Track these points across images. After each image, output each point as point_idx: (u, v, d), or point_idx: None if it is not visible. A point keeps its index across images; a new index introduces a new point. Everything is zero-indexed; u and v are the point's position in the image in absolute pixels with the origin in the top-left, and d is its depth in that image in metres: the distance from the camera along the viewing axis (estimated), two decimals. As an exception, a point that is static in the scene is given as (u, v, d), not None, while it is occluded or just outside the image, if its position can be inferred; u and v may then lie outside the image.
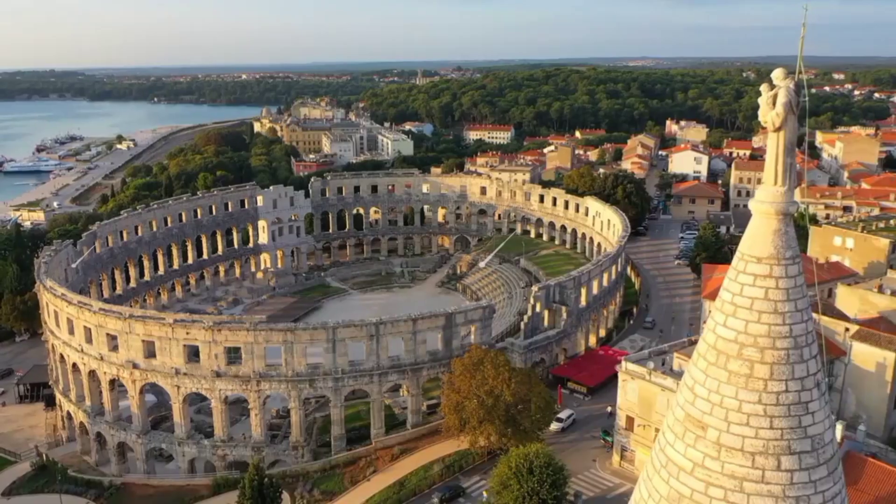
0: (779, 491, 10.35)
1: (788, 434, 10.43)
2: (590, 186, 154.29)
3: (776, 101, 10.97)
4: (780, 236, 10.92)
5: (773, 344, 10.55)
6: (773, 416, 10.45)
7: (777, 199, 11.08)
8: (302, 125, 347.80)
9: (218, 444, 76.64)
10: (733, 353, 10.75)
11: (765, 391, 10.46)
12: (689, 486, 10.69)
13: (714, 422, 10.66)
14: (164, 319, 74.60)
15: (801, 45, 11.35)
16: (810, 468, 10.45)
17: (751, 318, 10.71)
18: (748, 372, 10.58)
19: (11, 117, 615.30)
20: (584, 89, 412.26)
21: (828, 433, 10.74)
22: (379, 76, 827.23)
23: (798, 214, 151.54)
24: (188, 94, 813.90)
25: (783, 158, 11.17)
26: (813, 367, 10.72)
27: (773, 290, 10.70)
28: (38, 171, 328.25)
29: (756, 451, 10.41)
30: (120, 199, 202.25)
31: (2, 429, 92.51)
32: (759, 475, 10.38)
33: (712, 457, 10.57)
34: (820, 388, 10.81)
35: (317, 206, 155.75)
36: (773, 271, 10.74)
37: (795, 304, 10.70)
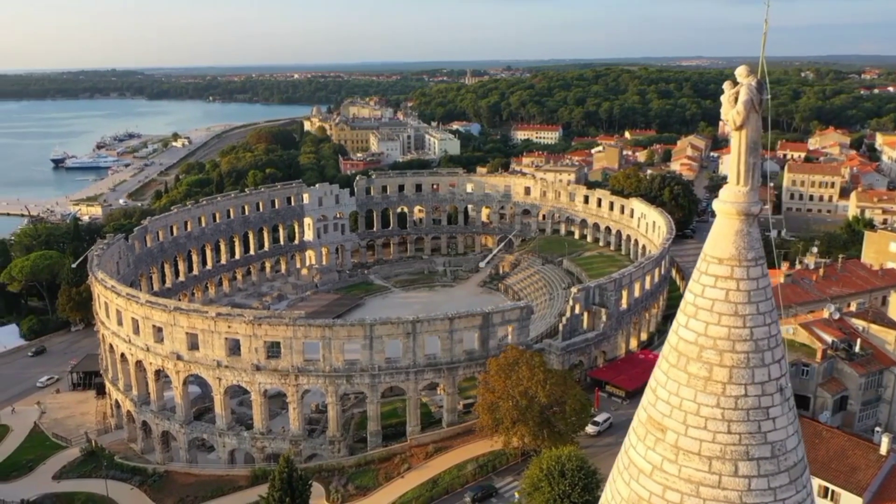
0: (735, 497, 10.16)
1: (747, 439, 10.22)
2: (635, 188, 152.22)
3: (738, 98, 10.79)
4: (743, 237, 10.72)
5: (732, 347, 10.37)
6: (730, 420, 10.26)
7: (739, 199, 10.88)
8: (350, 124, 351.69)
9: (257, 437, 78.23)
10: (693, 356, 10.59)
11: (723, 395, 10.29)
12: (648, 489, 10.59)
13: (673, 424, 10.53)
14: (206, 313, 76.50)
15: (764, 42, 11.12)
16: (770, 475, 10.22)
17: (711, 321, 10.54)
18: (707, 375, 10.42)
19: (74, 115, 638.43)
20: (634, 89, 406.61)
21: (791, 440, 10.47)
22: (428, 76, 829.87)
23: (853, 219, 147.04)
24: (242, 94, 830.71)
25: (745, 158, 10.99)
26: (775, 372, 10.48)
27: (734, 292, 10.51)
28: (98, 167, 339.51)
29: (713, 456, 10.24)
30: (173, 195, 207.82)
31: (55, 415, 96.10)
32: (716, 480, 10.20)
33: (670, 460, 10.44)
34: (783, 394, 10.55)
35: (362, 204, 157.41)
36: (735, 273, 10.55)
37: (757, 307, 10.49)
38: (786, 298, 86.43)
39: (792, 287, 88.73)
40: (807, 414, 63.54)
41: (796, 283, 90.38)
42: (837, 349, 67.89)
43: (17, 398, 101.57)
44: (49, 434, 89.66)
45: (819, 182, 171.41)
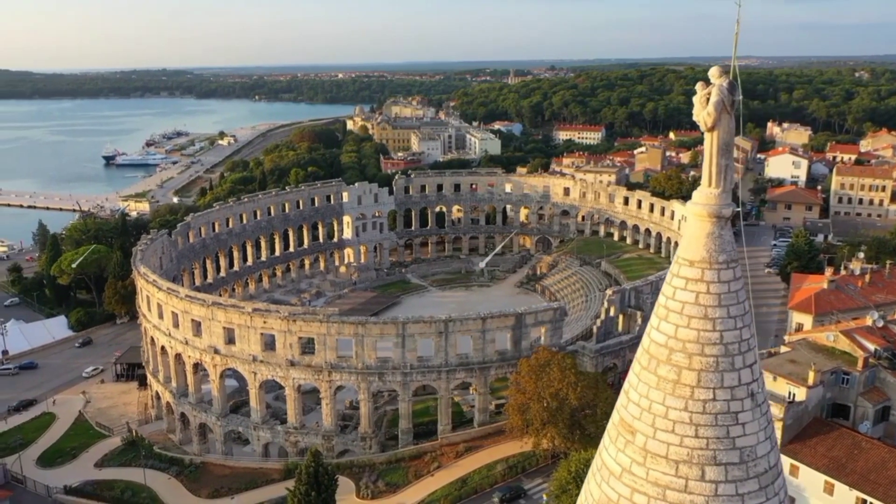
0: (702, 501, 10.01)
1: (714, 444, 10.06)
2: (677, 189, 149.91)
3: (709, 99, 10.65)
4: (714, 239, 10.57)
5: (701, 350, 10.22)
6: (698, 424, 10.12)
7: (711, 201, 10.74)
8: (392, 123, 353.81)
9: (290, 431, 79.41)
10: (663, 358, 10.49)
11: (691, 398, 10.15)
12: (617, 492, 10.52)
13: (642, 427, 10.44)
14: (243, 308, 77.97)
15: (735, 42, 10.94)
16: (737, 481, 10.04)
17: (681, 323, 10.41)
18: (676, 378, 10.29)
19: (125, 113, 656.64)
20: (680, 89, 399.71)
21: (761, 446, 10.27)
22: (471, 75, 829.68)
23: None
24: (287, 93, 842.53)
25: (717, 159, 10.84)
26: (746, 377, 10.29)
27: (704, 295, 10.36)
28: (147, 164, 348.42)
29: (680, 460, 10.12)
30: (217, 192, 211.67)
31: (99, 404, 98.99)
32: (683, 484, 10.07)
33: (639, 463, 10.36)
34: (755, 400, 10.35)
35: (400, 203, 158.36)
36: (705, 275, 10.40)
37: (728, 311, 10.32)
38: (828, 305, 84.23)
39: (835, 293, 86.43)
40: (846, 424, 61.83)
41: (840, 288, 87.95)
42: (880, 358, 65.80)
43: (64, 387, 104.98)
44: (93, 423, 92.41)
45: (869, 185, 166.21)
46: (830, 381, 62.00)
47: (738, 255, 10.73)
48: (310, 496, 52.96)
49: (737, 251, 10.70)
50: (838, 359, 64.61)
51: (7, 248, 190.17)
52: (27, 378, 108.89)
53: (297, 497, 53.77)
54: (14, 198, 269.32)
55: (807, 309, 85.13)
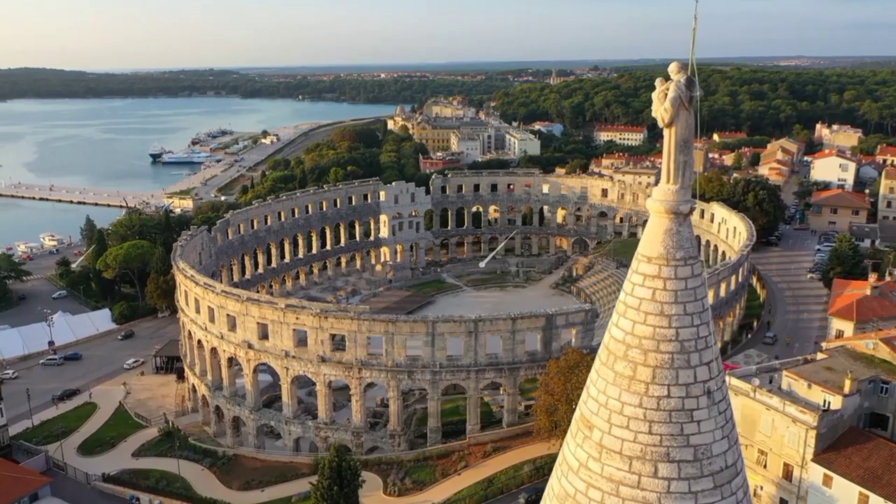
0: (654, 498, 9.93)
1: (668, 441, 9.97)
2: (718, 191, 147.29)
3: (667, 95, 10.55)
4: (672, 236, 10.47)
5: (657, 347, 10.14)
6: (652, 420, 10.04)
7: (668, 197, 10.65)
8: (432, 123, 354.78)
9: (321, 426, 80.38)
10: (620, 354, 10.45)
11: (646, 395, 10.08)
12: (574, 486, 10.53)
13: (599, 422, 10.43)
14: (276, 304, 79.19)
15: (693, 38, 10.79)
16: (691, 478, 9.93)
17: (637, 319, 10.36)
18: (631, 374, 10.24)
19: (173, 112, 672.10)
20: (725, 90, 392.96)
21: (717, 445, 10.13)
22: (513, 75, 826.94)
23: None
24: (330, 93, 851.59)
25: (675, 155, 10.74)
26: (702, 375, 10.16)
27: (661, 292, 10.28)
28: (192, 162, 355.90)
29: (633, 456, 10.06)
30: (258, 190, 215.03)
31: (139, 396, 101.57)
32: (636, 480, 10.01)
33: (595, 458, 10.34)
34: (711, 398, 10.22)
35: (437, 202, 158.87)
36: (662, 272, 10.31)
37: (684, 308, 10.21)
38: (870, 312, 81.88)
39: (878, 300, 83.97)
40: (884, 434, 60.11)
41: (884, 295, 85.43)
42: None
43: (106, 378, 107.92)
44: (132, 413, 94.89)
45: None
46: (868, 390, 60.33)
47: (697, 252, 10.64)
48: (332, 490, 53.57)
49: (695, 248, 10.62)
50: (877, 367, 62.83)
51: (57, 242, 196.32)
52: (71, 368, 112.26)
53: (319, 491, 54.48)
54: (65, 194, 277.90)
55: (848, 315, 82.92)
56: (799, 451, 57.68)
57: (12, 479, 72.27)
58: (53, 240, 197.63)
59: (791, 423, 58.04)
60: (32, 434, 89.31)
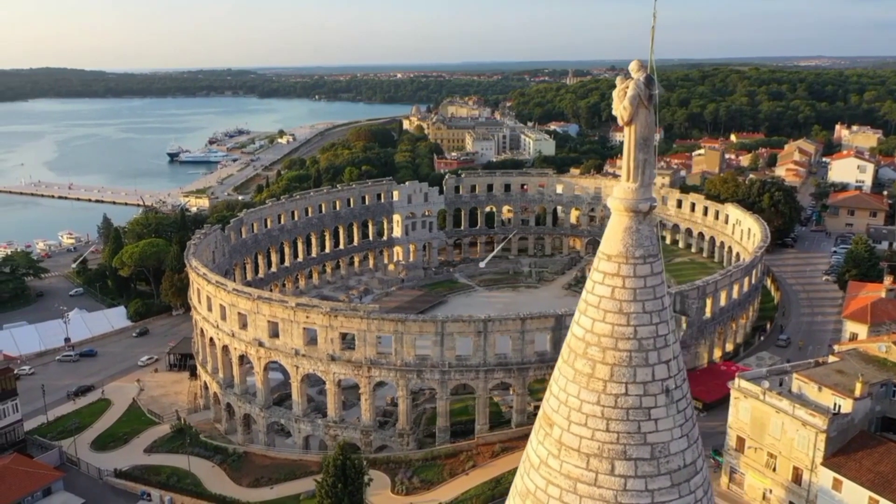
0: (610, 496, 9.96)
1: (625, 439, 9.99)
2: (733, 193, 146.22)
3: (626, 94, 10.58)
4: (631, 234, 10.49)
5: (615, 345, 10.16)
6: (609, 418, 10.07)
7: (628, 195, 10.69)
8: (447, 123, 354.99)
9: (330, 425, 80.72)
10: (580, 352, 10.49)
11: (604, 392, 10.11)
12: (535, 482, 10.58)
13: (559, 420, 10.47)
14: (286, 302, 79.62)
15: (652, 37, 10.79)
16: (647, 476, 9.92)
17: (597, 317, 10.39)
18: (590, 372, 10.27)
19: (190, 112, 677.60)
20: (743, 90, 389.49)
21: (676, 443, 10.11)
22: (529, 76, 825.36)
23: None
24: (346, 93, 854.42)
25: (634, 154, 10.75)
26: (661, 373, 10.16)
27: (620, 290, 10.30)
28: (208, 161, 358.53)
29: (591, 453, 10.08)
30: (273, 189, 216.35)
31: (152, 392, 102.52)
32: (593, 478, 10.04)
33: (554, 455, 10.39)
34: (670, 396, 10.22)
35: (450, 202, 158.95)
36: (621, 270, 10.34)
37: (643, 306, 10.22)
38: (885, 315, 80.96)
39: (893, 303, 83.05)
40: (896, 438, 59.41)
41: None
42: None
43: (120, 375, 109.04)
44: (145, 410, 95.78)
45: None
46: (880, 394, 59.68)
47: (657, 251, 10.64)
48: (336, 488, 53.82)
49: (656, 246, 10.62)
50: (890, 371, 62.13)
51: (75, 240, 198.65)
52: (87, 365, 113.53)
53: (324, 488, 54.75)
54: (84, 192, 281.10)
55: (862, 318, 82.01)
56: (808, 454, 57.19)
57: (26, 474, 73.30)
58: (71, 238, 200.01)
59: (801, 427, 57.56)
60: (47, 429, 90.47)
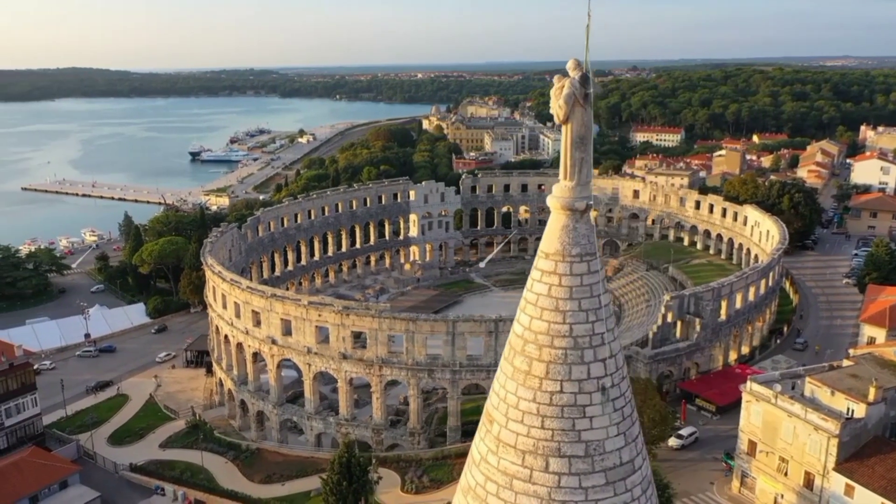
0: (545, 493, 10.00)
1: (559, 436, 10.03)
2: (752, 194, 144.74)
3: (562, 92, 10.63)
4: (568, 232, 10.55)
5: (551, 342, 10.21)
6: (544, 415, 10.11)
7: (565, 194, 10.75)
8: (466, 123, 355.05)
9: (342, 423, 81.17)
10: (518, 349, 10.57)
11: (539, 390, 10.15)
12: (475, 479, 10.65)
13: (498, 416, 10.54)
14: (299, 301, 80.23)
15: (588, 36, 10.81)
16: (581, 474, 9.96)
17: (534, 315, 10.45)
18: (527, 369, 10.33)
19: (212, 111, 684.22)
20: (766, 90, 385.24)
21: (611, 442, 10.14)
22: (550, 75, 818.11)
23: None
24: (367, 93, 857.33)
25: (571, 152, 10.80)
26: (597, 371, 10.20)
27: (556, 288, 10.35)
28: (229, 160, 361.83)
29: (526, 450, 10.13)
30: (292, 188, 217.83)
31: (169, 388, 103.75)
32: (528, 474, 10.08)
33: (493, 451, 10.45)
34: (606, 395, 10.25)
35: (466, 202, 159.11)
36: (558, 268, 10.39)
37: (579, 304, 10.26)
38: (904, 318, 79.67)
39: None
40: (911, 445, 58.46)
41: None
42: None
43: (138, 371, 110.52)
44: (161, 405, 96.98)
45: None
46: (894, 399, 58.78)
47: (595, 249, 10.70)
48: (341, 485, 54.17)
49: (594, 245, 10.68)
50: (905, 376, 61.16)
51: (97, 237, 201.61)
52: (106, 360, 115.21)
53: (329, 486, 55.14)
54: (107, 190, 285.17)
55: (880, 322, 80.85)
56: (820, 459, 56.53)
57: (43, 467, 74.51)
58: (94, 235, 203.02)
59: (813, 431, 56.92)
60: (66, 423, 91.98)
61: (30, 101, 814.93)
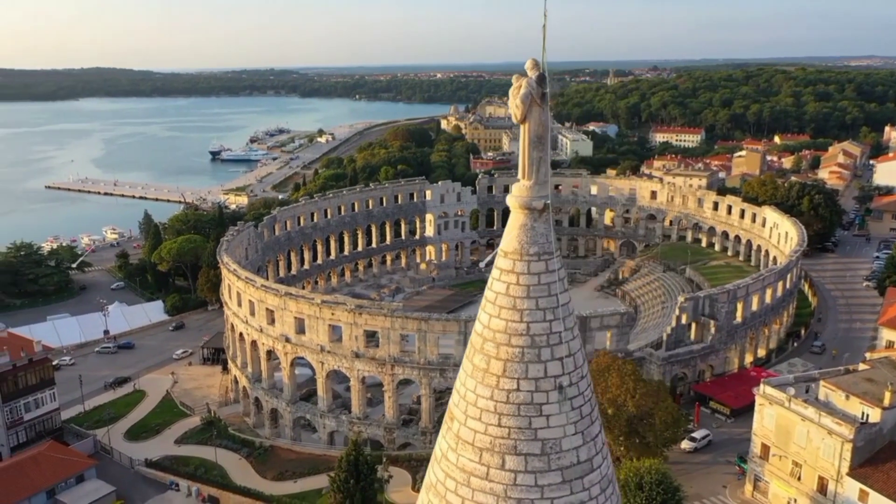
0: (500, 490, 10.05)
1: (516, 434, 10.08)
2: (771, 195, 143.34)
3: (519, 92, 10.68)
4: (526, 231, 10.61)
5: (508, 341, 10.28)
6: (501, 413, 10.18)
7: (523, 193, 10.83)
8: (484, 123, 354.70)
9: (354, 421, 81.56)
10: (478, 347, 10.65)
11: (497, 388, 10.22)
12: (436, 475, 10.75)
13: (458, 414, 10.63)
14: (312, 299, 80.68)
15: (544, 36, 10.83)
16: (537, 472, 9.99)
17: (493, 313, 10.52)
18: (485, 367, 10.41)
19: (233, 111, 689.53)
20: (788, 91, 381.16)
21: (568, 440, 10.16)
22: (570, 76, 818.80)
23: None
24: (386, 92, 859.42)
25: (529, 151, 10.86)
26: (554, 370, 10.22)
27: (514, 286, 10.41)
28: (249, 159, 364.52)
29: (484, 447, 10.20)
30: (309, 187, 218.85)
31: (186, 385, 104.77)
32: (485, 472, 10.15)
33: (452, 448, 10.54)
34: (563, 393, 10.27)
35: (482, 202, 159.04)
36: (516, 267, 10.45)
37: (536, 302, 10.31)
38: (923, 322, 78.46)
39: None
40: (928, 450, 57.55)
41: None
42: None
43: (156, 367, 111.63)
44: (178, 402, 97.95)
45: None
46: (912, 403, 57.89)
47: (553, 248, 10.75)
48: (349, 483, 54.42)
49: (552, 244, 10.74)
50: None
51: (118, 235, 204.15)
52: (124, 357, 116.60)
53: (336, 483, 55.43)
54: (128, 189, 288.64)
55: (899, 326, 79.70)
56: (834, 464, 55.89)
57: (61, 461, 75.69)
58: (115, 233, 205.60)
59: (826, 435, 56.28)
60: (84, 418, 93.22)
61: (55, 101, 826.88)
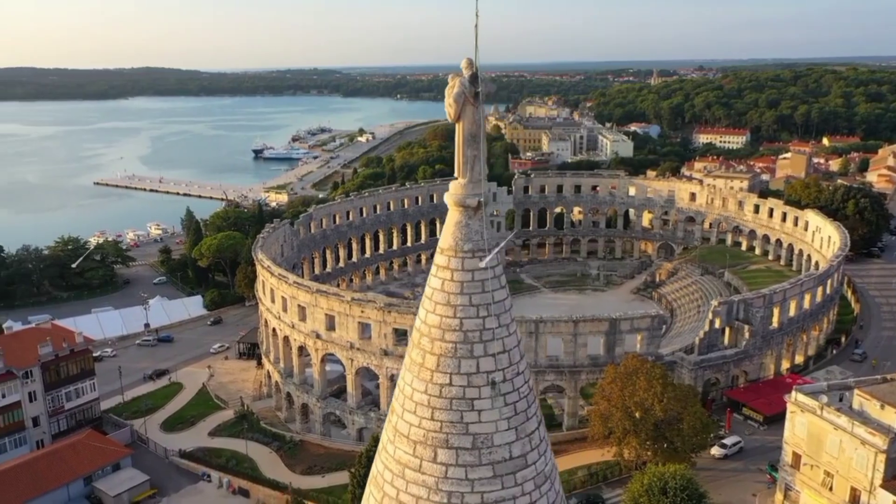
0: (432, 482, 10.25)
1: (448, 428, 10.27)
2: (814, 199, 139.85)
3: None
4: (461, 228, 10.78)
5: (442, 336, 10.47)
6: (434, 407, 10.38)
7: (457, 191, 11.01)
8: (524, 123, 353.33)
9: (382, 418, 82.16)
10: (415, 342, 10.88)
11: (430, 382, 10.40)
12: (377, 467, 11.02)
13: (396, 407, 10.89)
14: (342, 296, 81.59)
15: (476, 34, 10.86)
16: (468, 466, 10.14)
17: (429, 309, 10.73)
18: (421, 361, 10.62)
19: (276, 110, 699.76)
20: (838, 91, 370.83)
21: (501, 436, 10.29)
22: (613, 76, 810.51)
23: None
24: (427, 92, 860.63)
25: (463, 150, 10.96)
26: (486, 365, 10.37)
27: (448, 283, 10.58)
28: (290, 158, 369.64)
29: (417, 441, 10.40)
30: (348, 186, 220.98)
31: (221, 379, 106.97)
32: (418, 464, 10.37)
33: (391, 440, 10.81)
34: (497, 389, 10.40)
35: (519, 202, 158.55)
36: (451, 263, 10.63)
37: (470, 299, 10.44)
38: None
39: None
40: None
41: None
42: None
43: (193, 361, 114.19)
44: (213, 395, 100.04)
45: None
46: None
47: (486, 245, 10.87)
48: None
49: (486, 241, 10.85)
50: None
51: (162, 231, 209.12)
52: (163, 350, 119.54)
53: (356, 479, 55.99)
54: (172, 186, 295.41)
55: (943, 335, 77.00)
56: (867, 475, 54.39)
57: (99, 449, 78.06)
58: (159, 229, 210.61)
59: (860, 445, 54.81)
60: (122, 409, 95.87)
61: (106, 100, 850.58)
